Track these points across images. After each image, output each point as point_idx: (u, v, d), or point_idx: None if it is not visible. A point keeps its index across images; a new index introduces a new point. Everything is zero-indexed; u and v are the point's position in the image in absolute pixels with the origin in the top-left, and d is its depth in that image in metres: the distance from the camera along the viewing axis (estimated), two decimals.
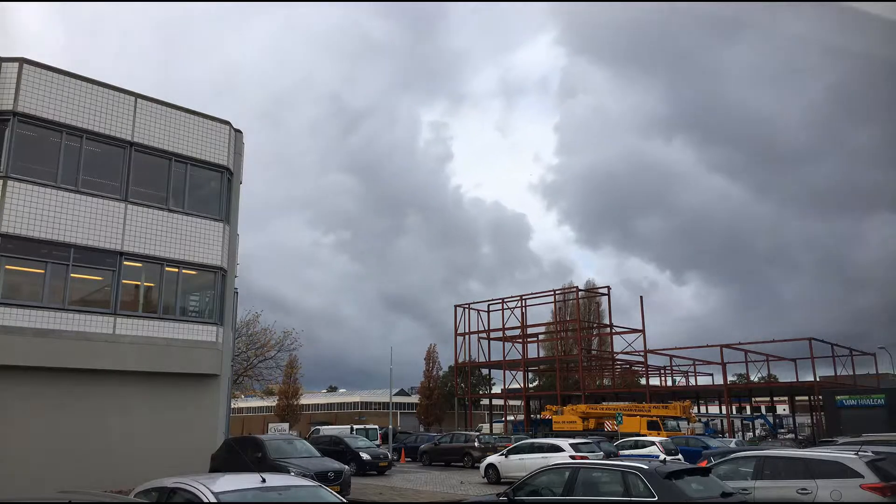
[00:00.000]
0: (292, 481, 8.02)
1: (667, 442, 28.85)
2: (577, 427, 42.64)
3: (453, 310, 65.18)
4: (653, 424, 38.27)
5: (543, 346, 72.02)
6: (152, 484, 8.13)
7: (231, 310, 21.94)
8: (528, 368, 67.05)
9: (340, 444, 27.50)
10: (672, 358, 62.28)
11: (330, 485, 13.92)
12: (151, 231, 19.40)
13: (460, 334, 64.29)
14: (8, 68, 17.62)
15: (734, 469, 12.14)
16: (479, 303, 65.47)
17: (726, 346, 52.71)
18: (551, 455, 21.34)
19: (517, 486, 10.85)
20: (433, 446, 33.83)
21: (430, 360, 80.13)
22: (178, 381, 19.41)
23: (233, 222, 21.82)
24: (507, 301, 62.48)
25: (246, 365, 45.81)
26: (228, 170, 21.62)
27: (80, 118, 18.52)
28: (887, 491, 10.25)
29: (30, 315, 16.88)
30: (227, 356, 21.26)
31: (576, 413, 45.14)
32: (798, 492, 10.83)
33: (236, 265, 22.46)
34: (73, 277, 17.90)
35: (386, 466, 26.94)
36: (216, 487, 7.22)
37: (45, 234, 17.36)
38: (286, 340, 48.23)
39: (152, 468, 13.77)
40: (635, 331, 58.54)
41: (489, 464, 23.92)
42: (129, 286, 19.33)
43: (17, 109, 17.38)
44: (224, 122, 21.81)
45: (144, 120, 19.83)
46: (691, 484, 9.52)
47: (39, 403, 17.02)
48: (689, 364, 65.65)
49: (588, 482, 10.04)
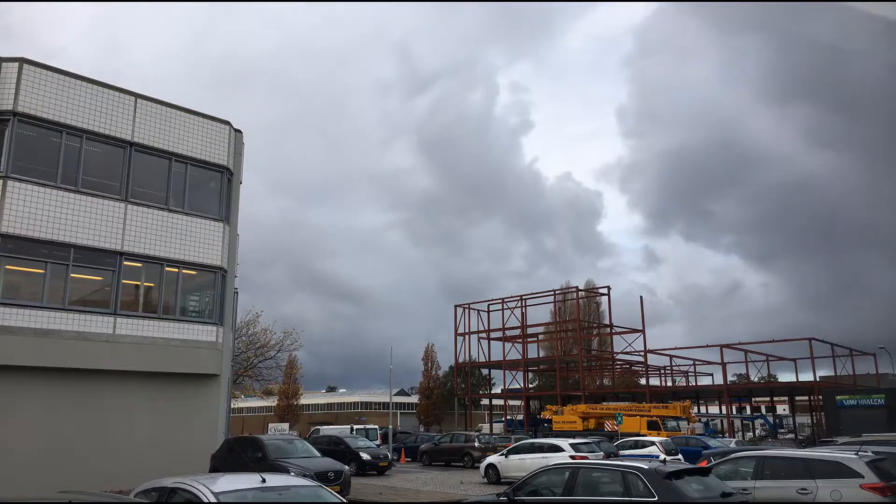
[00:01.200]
0: (292, 481, 8.01)
1: (667, 442, 28.84)
2: (577, 427, 42.67)
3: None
4: (653, 424, 38.31)
5: (543, 346, 72.06)
6: (152, 484, 8.12)
7: (231, 310, 21.94)
8: (528, 368, 67.06)
9: (340, 444, 27.51)
10: (672, 358, 62.35)
11: (330, 485, 13.92)
12: (151, 231, 19.41)
13: (460, 334, 64.35)
14: (8, 68, 17.62)
15: (734, 469, 12.14)
16: (479, 303, 65.58)
17: (726, 346, 52.77)
18: (551, 455, 21.35)
19: (517, 486, 10.84)
20: (433, 446, 33.84)
21: (429, 359, 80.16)
22: (178, 381, 19.42)
23: (233, 222, 21.83)
24: (506, 301, 62.57)
25: (246, 365, 45.83)
26: (228, 170, 21.63)
27: (80, 118, 18.52)
28: (887, 491, 10.25)
29: (30, 315, 16.88)
30: (227, 356, 21.26)
31: (576, 413, 45.20)
32: (798, 492, 10.83)
33: (236, 265, 22.46)
34: (73, 277, 17.90)
35: (386, 466, 26.94)
36: (216, 487, 7.22)
37: (45, 234, 17.36)
38: (286, 341, 48.33)
39: (152, 468, 13.79)
40: (635, 331, 58.61)
41: (489, 464, 23.91)
42: (129, 286, 19.33)
43: (17, 109, 17.39)
44: (224, 122, 21.82)
45: (144, 120, 19.83)
46: (691, 484, 9.51)
47: (40, 403, 17.02)
48: (689, 364, 65.71)
49: (588, 482, 10.04)
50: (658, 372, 68.55)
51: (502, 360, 62.68)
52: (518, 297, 62.54)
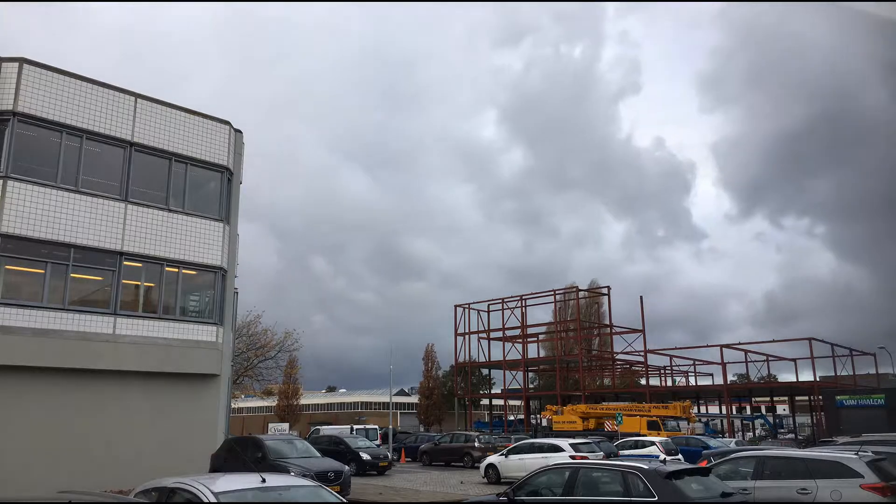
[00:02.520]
0: (292, 481, 8.01)
1: (667, 442, 28.84)
2: (577, 427, 42.72)
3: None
4: (653, 424, 38.33)
5: (543, 346, 72.07)
6: (152, 484, 8.12)
7: (231, 310, 21.94)
8: (528, 368, 67.07)
9: (340, 444, 27.51)
10: (672, 358, 62.36)
11: (330, 485, 13.92)
12: (151, 231, 19.40)
13: (460, 334, 64.38)
14: (8, 68, 17.62)
15: (734, 469, 12.13)
16: (479, 303, 65.65)
17: (726, 346, 52.80)
18: (551, 455, 21.35)
19: (517, 486, 10.84)
20: (433, 446, 33.83)
21: (429, 359, 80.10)
22: (178, 381, 19.41)
23: (233, 222, 21.82)
24: (507, 301, 62.61)
25: (246, 365, 45.85)
26: (228, 170, 21.63)
27: (80, 118, 18.51)
28: (887, 491, 10.24)
29: (30, 315, 16.88)
30: (227, 356, 21.26)
31: (576, 413, 45.26)
32: (798, 492, 10.83)
33: (236, 265, 22.46)
34: (73, 277, 17.89)
35: (386, 466, 26.94)
36: (216, 487, 7.22)
37: (45, 234, 17.36)
38: (287, 341, 48.37)
39: (152, 468, 13.81)
40: (635, 331, 58.62)
41: (489, 464, 23.92)
42: (129, 286, 19.32)
43: (17, 109, 17.38)
44: (224, 122, 21.82)
45: (144, 120, 19.83)
46: (691, 484, 9.51)
47: (39, 403, 17.01)
48: (689, 364, 65.72)
49: (588, 482, 10.04)
50: (658, 372, 68.57)
51: (502, 360, 62.69)
52: (518, 298, 62.65)
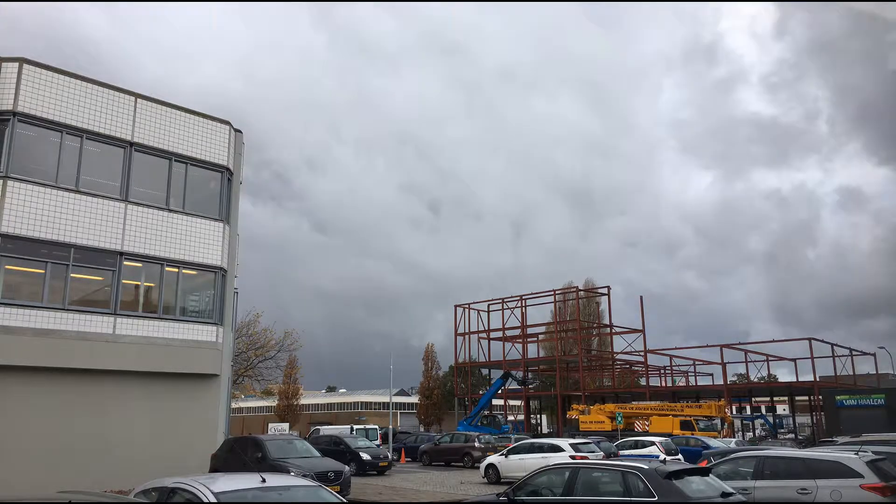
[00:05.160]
0: (292, 481, 8.02)
1: (667, 442, 28.83)
2: (606, 427, 40.94)
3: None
4: (686, 424, 37.34)
5: (543, 346, 72.08)
6: (152, 484, 8.13)
7: (231, 310, 21.93)
8: (528, 368, 67.06)
9: (340, 444, 27.49)
10: (672, 358, 62.35)
11: (330, 485, 13.93)
12: (151, 231, 19.40)
13: (460, 334, 64.40)
14: (8, 68, 17.62)
15: (734, 469, 12.13)
16: (479, 303, 65.69)
17: (726, 346, 52.79)
18: (551, 455, 21.34)
19: (517, 486, 10.84)
20: (433, 446, 33.81)
21: (429, 359, 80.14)
22: (178, 381, 19.40)
23: (233, 222, 21.83)
24: (506, 301, 62.64)
25: (246, 365, 45.85)
26: (228, 170, 21.62)
27: (80, 118, 18.51)
28: (887, 491, 10.24)
29: (30, 315, 16.88)
30: (227, 356, 21.26)
31: (604, 413, 43.70)
32: (798, 492, 10.83)
33: (236, 265, 22.46)
34: (74, 277, 17.89)
35: (386, 466, 26.92)
36: (216, 487, 7.22)
37: (45, 234, 17.36)
38: (286, 341, 48.38)
39: (152, 468, 13.82)
40: (635, 331, 58.63)
41: (489, 464, 23.90)
42: (129, 286, 19.32)
43: (17, 109, 17.38)
44: (224, 122, 21.82)
45: (144, 120, 19.83)
46: (691, 484, 9.51)
47: (39, 403, 17.01)
48: (688, 364, 65.72)
49: (588, 482, 10.04)
50: (658, 372, 68.56)
51: (502, 360, 62.70)
52: (518, 298, 62.68)
